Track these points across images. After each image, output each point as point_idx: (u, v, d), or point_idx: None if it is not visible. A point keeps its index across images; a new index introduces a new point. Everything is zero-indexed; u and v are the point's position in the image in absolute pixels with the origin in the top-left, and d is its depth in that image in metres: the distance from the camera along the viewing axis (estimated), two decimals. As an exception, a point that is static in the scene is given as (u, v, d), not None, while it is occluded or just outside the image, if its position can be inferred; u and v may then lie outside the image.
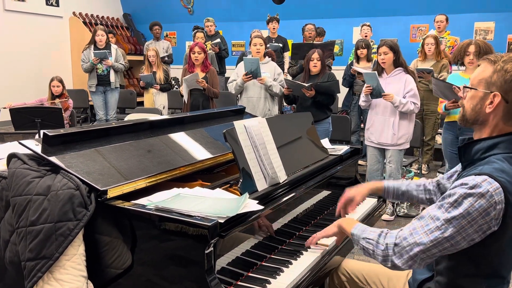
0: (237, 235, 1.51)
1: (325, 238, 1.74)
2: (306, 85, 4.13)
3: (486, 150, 1.38)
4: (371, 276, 1.80)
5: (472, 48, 3.50)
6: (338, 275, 1.89)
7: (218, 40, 6.91)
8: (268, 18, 6.75)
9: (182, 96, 5.02)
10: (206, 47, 6.83)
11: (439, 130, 5.27)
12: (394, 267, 1.39)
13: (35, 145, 1.62)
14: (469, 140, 1.46)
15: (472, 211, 1.26)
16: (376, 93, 3.77)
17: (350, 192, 1.88)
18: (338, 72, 5.81)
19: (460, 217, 1.27)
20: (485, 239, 1.30)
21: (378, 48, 3.89)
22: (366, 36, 6.16)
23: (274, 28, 6.75)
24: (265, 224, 1.69)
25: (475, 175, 1.29)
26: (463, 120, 1.47)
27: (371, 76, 3.76)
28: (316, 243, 1.76)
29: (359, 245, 1.50)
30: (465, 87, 1.46)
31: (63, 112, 5.23)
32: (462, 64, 3.64)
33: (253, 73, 4.35)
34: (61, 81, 5.49)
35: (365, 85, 3.88)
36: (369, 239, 1.45)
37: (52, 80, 5.49)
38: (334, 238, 1.75)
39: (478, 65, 1.45)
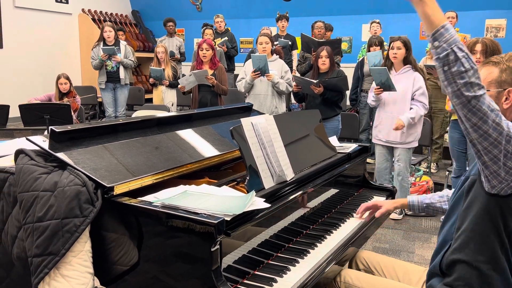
0: (244, 233, 1.50)
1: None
2: (315, 81, 4.11)
3: None
4: (387, 267, 1.86)
5: (479, 47, 3.44)
6: (357, 263, 1.95)
7: (225, 38, 6.89)
8: (277, 16, 6.73)
9: (184, 93, 4.98)
10: (214, 44, 6.83)
11: (447, 129, 5.21)
12: (473, 98, 1.28)
13: (42, 141, 1.62)
14: None
15: None
16: (386, 87, 3.74)
17: (379, 201, 2.06)
18: (347, 69, 5.77)
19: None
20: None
21: (391, 42, 3.85)
22: (375, 33, 6.11)
23: (283, 26, 6.72)
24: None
25: None
26: None
27: (380, 71, 3.71)
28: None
29: (450, 47, 1.28)
30: None
31: (72, 112, 5.26)
32: None
33: (261, 70, 4.34)
34: (68, 78, 5.51)
35: (374, 85, 3.83)
36: (470, 59, 1.28)
37: (59, 77, 5.50)
38: (341, 237, 1.80)
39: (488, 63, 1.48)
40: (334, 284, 1.78)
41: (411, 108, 3.77)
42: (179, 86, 4.88)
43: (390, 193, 2.49)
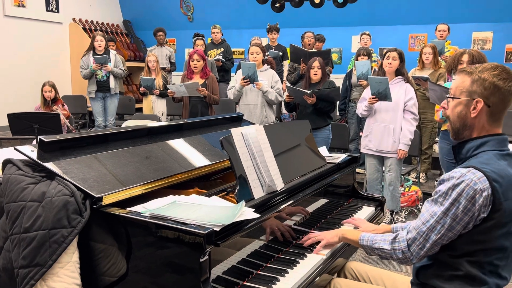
0: (233, 243, 1.50)
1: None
2: (308, 92, 4.14)
3: (476, 148, 1.49)
4: (376, 278, 1.89)
5: (465, 58, 3.52)
6: (345, 274, 1.96)
7: (220, 55, 6.93)
8: (268, 27, 6.78)
9: (174, 100, 4.99)
10: (208, 56, 6.86)
11: (437, 139, 5.26)
12: (413, 264, 1.54)
13: (30, 151, 1.61)
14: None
15: (461, 199, 1.38)
16: (382, 97, 3.77)
17: (360, 224, 2.03)
18: (337, 80, 5.83)
19: (453, 206, 1.40)
20: (479, 225, 1.40)
21: (387, 52, 3.90)
22: (365, 44, 6.19)
23: (273, 38, 6.78)
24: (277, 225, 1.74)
25: (461, 168, 1.42)
26: (453, 132, 1.58)
27: (380, 81, 3.74)
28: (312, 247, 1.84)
29: (372, 253, 1.63)
30: (448, 97, 1.58)
31: (65, 120, 5.23)
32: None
33: (250, 78, 4.37)
34: (53, 86, 5.50)
35: (369, 95, 3.86)
36: (383, 249, 1.57)
37: (44, 85, 5.49)
38: (329, 249, 1.83)
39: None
40: None
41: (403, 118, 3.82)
42: (168, 91, 4.88)
43: (379, 203, 2.51)
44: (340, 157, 2.48)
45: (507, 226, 1.41)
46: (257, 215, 1.52)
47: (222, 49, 7.05)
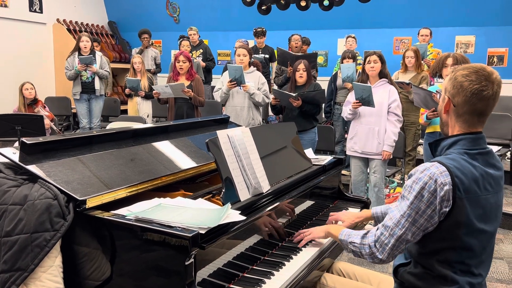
0: (219, 245, 1.49)
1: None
2: (294, 94, 4.16)
3: (449, 146, 1.53)
4: (362, 277, 1.91)
5: (450, 61, 3.57)
6: (332, 273, 1.99)
7: (199, 59, 6.94)
8: (254, 31, 6.79)
9: (159, 101, 4.95)
10: (192, 56, 6.83)
11: (420, 141, 5.33)
12: (381, 261, 1.53)
13: (12, 153, 1.58)
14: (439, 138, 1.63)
15: (424, 192, 1.41)
16: (365, 103, 3.81)
17: (342, 216, 2.03)
18: (323, 82, 5.86)
19: (416, 199, 1.42)
20: (443, 222, 1.42)
21: (367, 56, 3.94)
22: (351, 47, 6.24)
23: (260, 41, 6.80)
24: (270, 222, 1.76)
25: (427, 162, 1.46)
26: (440, 126, 1.63)
27: (363, 88, 3.77)
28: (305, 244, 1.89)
29: (348, 249, 1.63)
30: (436, 91, 1.59)
31: (51, 123, 5.16)
32: (441, 76, 3.71)
33: (237, 80, 4.37)
34: (33, 85, 5.45)
35: (354, 99, 3.89)
36: (354, 243, 1.59)
37: (23, 84, 5.42)
38: (317, 248, 1.85)
39: None
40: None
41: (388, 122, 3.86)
42: (153, 92, 4.84)
43: (365, 205, 2.53)
44: (326, 159, 2.50)
45: (472, 225, 1.41)
46: (243, 218, 1.51)
47: (201, 50, 7.05)
